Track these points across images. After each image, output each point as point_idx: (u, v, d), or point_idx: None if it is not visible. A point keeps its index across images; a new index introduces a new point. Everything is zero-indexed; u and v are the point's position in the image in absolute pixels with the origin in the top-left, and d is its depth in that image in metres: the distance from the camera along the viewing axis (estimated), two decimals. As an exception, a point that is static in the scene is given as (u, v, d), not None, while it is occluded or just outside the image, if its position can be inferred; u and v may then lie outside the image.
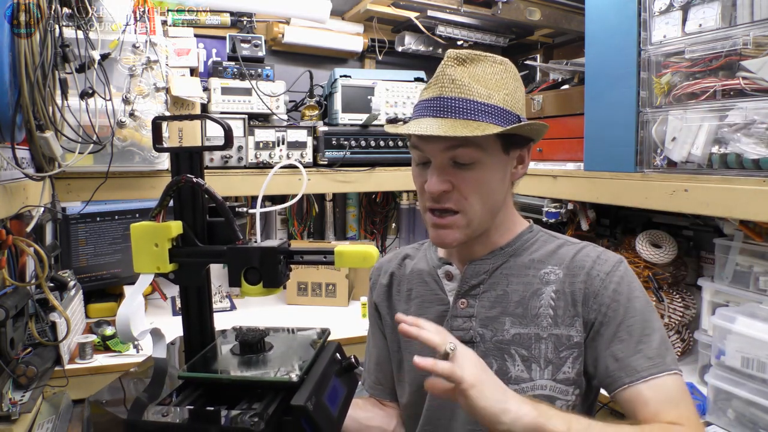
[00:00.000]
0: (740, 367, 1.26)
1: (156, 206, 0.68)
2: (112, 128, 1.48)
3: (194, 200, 0.71)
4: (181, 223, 0.70)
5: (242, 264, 0.65)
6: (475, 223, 0.92)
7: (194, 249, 0.70)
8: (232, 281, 0.66)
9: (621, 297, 0.90)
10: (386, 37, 2.47)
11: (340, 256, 0.66)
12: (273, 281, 0.65)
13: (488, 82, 0.89)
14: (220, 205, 0.68)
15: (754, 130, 1.20)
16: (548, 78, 2.22)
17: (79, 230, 1.92)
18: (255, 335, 0.71)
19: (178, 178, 0.68)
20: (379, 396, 1.13)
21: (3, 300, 1.18)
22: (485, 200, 0.92)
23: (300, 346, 0.75)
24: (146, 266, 0.68)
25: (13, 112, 1.01)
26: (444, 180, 0.89)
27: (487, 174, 0.90)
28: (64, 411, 1.40)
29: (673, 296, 1.64)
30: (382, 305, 1.12)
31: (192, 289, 0.73)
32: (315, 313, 2.06)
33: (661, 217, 1.80)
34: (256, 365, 0.69)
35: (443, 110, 0.88)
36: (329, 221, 2.58)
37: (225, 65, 2.00)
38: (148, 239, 0.67)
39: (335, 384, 0.70)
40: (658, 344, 0.88)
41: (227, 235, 0.69)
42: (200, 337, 0.73)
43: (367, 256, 0.65)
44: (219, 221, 0.71)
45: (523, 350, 0.92)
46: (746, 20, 1.23)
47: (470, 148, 0.88)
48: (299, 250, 0.68)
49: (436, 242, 0.95)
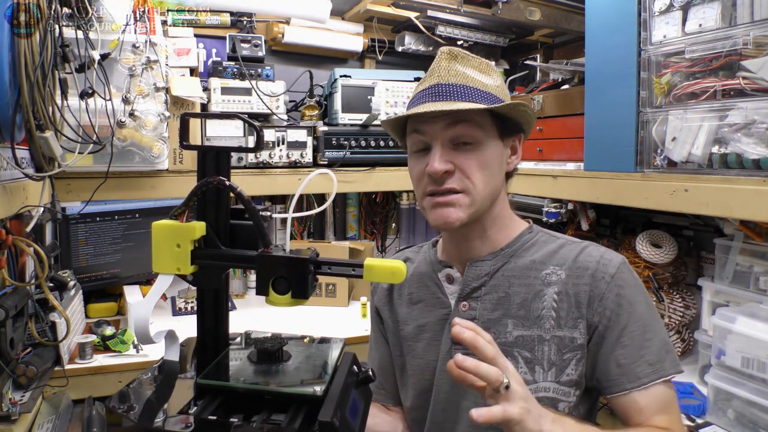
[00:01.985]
0: (740, 367, 1.26)
1: (181, 205, 0.65)
2: (112, 128, 1.48)
3: (218, 201, 0.68)
4: (205, 224, 0.67)
5: (272, 273, 0.63)
6: (478, 203, 0.92)
7: (217, 251, 0.67)
8: (260, 289, 0.63)
9: (624, 301, 0.90)
10: (386, 37, 2.47)
11: (370, 270, 0.63)
12: (302, 292, 0.62)
13: (480, 74, 0.94)
14: (251, 210, 0.65)
15: (754, 130, 1.20)
16: (548, 78, 2.22)
17: (79, 230, 1.92)
18: (274, 344, 0.69)
19: (210, 179, 0.64)
20: (382, 401, 1.13)
21: (3, 300, 1.18)
22: (487, 180, 0.92)
23: (317, 356, 0.73)
24: (166, 267, 0.65)
25: (13, 112, 1.01)
26: (446, 160, 0.90)
27: (487, 154, 0.93)
28: (64, 411, 1.40)
29: (673, 296, 1.64)
30: (383, 309, 1.11)
31: (209, 292, 0.70)
32: (315, 313, 2.06)
33: (661, 217, 1.80)
34: (276, 375, 0.67)
35: (442, 95, 0.91)
36: (329, 221, 2.58)
37: (225, 65, 1.99)
38: (170, 239, 0.64)
39: (354, 397, 0.69)
40: (659, 348, 0.89)
41: (250, 238, 0.67)
42: (214, 342, 0.71)
43: (396, 271, 0.62)
44: (242, 224, 0.69)
45: (526, 352, 0.91)
46: (746, 20, 1.23)
47: (470, 126, 0.90)
48: (328, 261, 0.65)
49: (438, 222, 0.93)
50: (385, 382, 1.12)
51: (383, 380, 1.12)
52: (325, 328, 1.89)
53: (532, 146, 1.94)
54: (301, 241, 2.44)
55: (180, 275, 0.65)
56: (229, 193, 0.67)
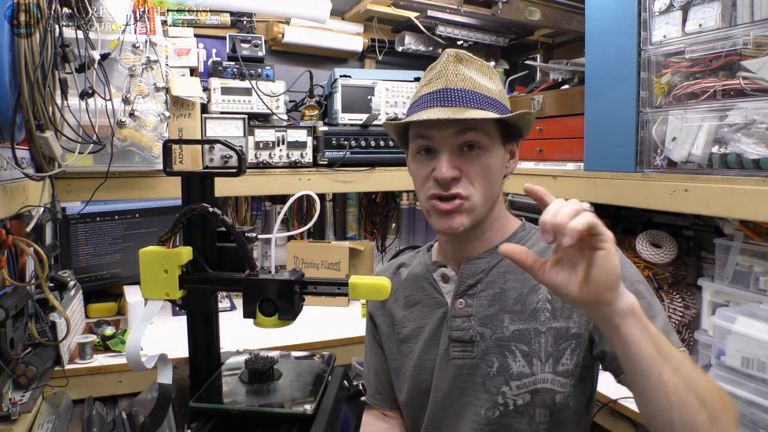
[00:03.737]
0: (740, 367, 1.26)
1: (167, 231, 0.66)
2: (112, 128, 1.48)
3: (204, 225, 0.70)
4: (191, 249, 0.68)
5: (258, 296, 0.64)
6: (479, 209, 0.94)
7: (205, 275, 0.68)
8: (247, 313, 0.65)
9: (624, 282, 0.90)
10: (386, 37, 2.47)
11: (354, 288, 0.65)
12: (289, 314, 0.64)
13: (484, 78, 0.96)
14: (235, 235, 0.66)
15: (754, 130, 1.20)
16: (548, 78, 2.22)
17: (79, 230, 1.92)
18: (264, 363, 0.70)
19: (194, 206, 0.65)
20: (380, 405, 1.13)
21: (3, 300, 1.18)
22: (489, 187, 0.94)
23: (308, 373, 0.74)
24: (155, 292, 0.66)
25: (13, 112, 1.01)
26: (453, 166, 0.91)
27: (491, 161, 0.94)
28: (64, 411, 1.40)
29: (673, 296, 1.64)
30: (377, 315, 1.12)
31: (199, 315, 0.71)
32: (315, 313, 2.06)
33: (661, 217, 1.80)
34: (267, 395, 0.67)
35: (451, 100, 0.91)
36: (329, 221, 2.57)
37: (225, 65, 1.99)
38: (157, 265, 0.65)
39: (346, 413, 0.70)
40: (664, 324, 0.89)
41: (238, 260, 0.68)
42: (206, 364, 0.72)
43: (381, 288, 0.64)
44: (228, 246, 0.70)
45: (523, 346, 0.92)
46: (746, 20, 1.23)
47: (479, 133, 0.92)
48: (314, 281, 0.67)
49: (443, 228, 0.94)
50: (382, 387, 1.13)
51: (379, 385, 1.13)
52: (325, 328, 1.89)
53: (532, 146, 1.94)
54: (300, 241, 2.44)
55: (169, 300, 0.67)
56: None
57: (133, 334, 0.67)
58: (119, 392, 1.57)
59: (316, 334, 1.83)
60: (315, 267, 2.26)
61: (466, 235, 0.98)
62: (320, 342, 1.79)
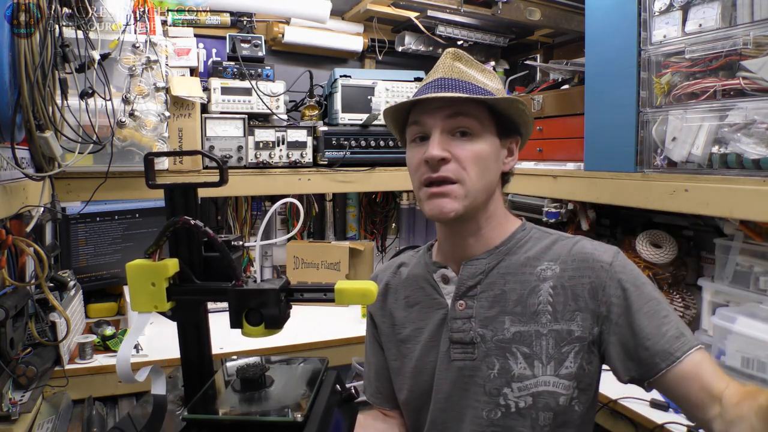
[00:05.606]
0: (740, 367, 1.26)
1: (152, 245, 0.67)
2: (112, 128, 1.48)
3: (190, 236, 0.70)
4: (178, 260, 0.68)
5: (244, 305, 0.64)
6: (472, 194, 0.93)
7: (192, 287, 0.68)
8: (234, 323, 0.64)
9: (628, 285, 0.90)
10: (386, 37, 2.47)
11: (341, 294, 0.65)
12: (275, 323, 0.64)
13: (482, 75, 0.98)
14: (218, 247, 0.66)
15: (754, 130, 1.20)
16: (548, 78, 2.22)
17: (79, 230, 1.92)
18: (255, 371, 0.70)
19: (176, 219, 0.66)
20: (380, 405, 1.13)
21: (3, 300, 1.18)
22: (482, 173, 0.94)
23: (300, 378, 0.75)
24: (144, 305, 0.66)
25: (12, 112, 1.01)
26: (443, 148, 0.92)
27: (484, 147, 0.94)
28: (64, 411, 1.39)
29: (673, 296, 1.64)
30: (377, 314, 1.12)
31: (189, 325, 0.72)
32: (315, 313, 2.06)
33: (662, 217, 1.80)
34: (258, 403, 0.68)
35: (446, 87, 0.94)
36: (329, 221, 2.57)
37: (225, 65, 1.99)
38: (145, 278, 0.66)
39: (338, 418, 0.70)
40: (677, 322, 0.88)
41: (225, 269, 0.68)
42: (199, 374, 0.72)
43: (367, 292, 0.64)
44: (215, 256, 0.70)
45: (524, 348, 0.92)
46: (746, 20, 1.23)
47: (469, 118, 0.93)
48: (299, 288, 0.67)
49: (434, 213, 0.94)
50: (382, 387, 1.13)
51: (380, 385, 1.13)
52: (325, 328, 1.89)
53: (532, 146, 1.94)
54: (300, 241, 2.44)
55: (159, 312, 0.67)
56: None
57: (123, 348, 0.67)
58: (119, 392, 1.57)
59: (316, 334, 1.83)
60: (315, 267, 2.26)
61: (462, 228, 0.98)
62: (320, 342, 1.79)
